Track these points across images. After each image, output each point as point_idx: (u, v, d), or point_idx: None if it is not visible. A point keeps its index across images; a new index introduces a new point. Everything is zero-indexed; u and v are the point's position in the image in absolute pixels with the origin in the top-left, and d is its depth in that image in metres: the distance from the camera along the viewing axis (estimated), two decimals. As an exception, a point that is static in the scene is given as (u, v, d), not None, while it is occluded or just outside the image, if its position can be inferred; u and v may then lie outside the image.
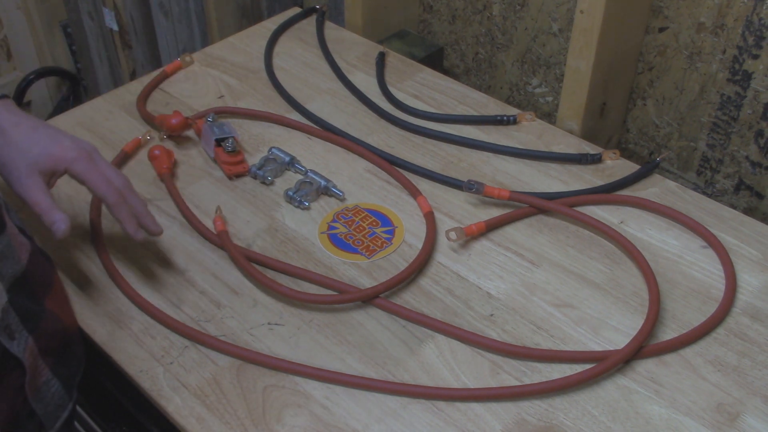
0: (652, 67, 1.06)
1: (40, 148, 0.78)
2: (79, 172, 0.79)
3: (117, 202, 0.80)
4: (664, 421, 0.72)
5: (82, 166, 0.79)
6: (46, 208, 0.76)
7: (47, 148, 0.78)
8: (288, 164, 0.99)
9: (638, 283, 0.85)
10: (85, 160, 0.79)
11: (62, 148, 0.78)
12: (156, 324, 0.81)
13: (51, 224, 0.76)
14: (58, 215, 0.76)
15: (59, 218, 0.76)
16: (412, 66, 1.18)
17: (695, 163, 1.07)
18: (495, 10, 1.20)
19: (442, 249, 0.89)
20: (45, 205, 0.77)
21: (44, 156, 0.78)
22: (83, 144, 0.80)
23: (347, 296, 0.82)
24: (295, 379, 0.76)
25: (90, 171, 0.79)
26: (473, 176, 0.98)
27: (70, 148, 0.79)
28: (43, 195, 0.77)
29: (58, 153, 0.78)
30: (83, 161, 0.79)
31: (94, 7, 1.91)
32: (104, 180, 0.80)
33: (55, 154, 0.78)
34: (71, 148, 0.79)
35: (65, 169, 0.79)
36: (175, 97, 1.11)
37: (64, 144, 0.79)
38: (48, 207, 0.77)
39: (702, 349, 0.78)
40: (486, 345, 0.78)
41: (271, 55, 1.19)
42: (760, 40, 0.94)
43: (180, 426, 0.73)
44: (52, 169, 0.78)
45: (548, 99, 1.20)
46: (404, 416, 0.73)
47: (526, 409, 0.73)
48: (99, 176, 0.79)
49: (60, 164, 0.78)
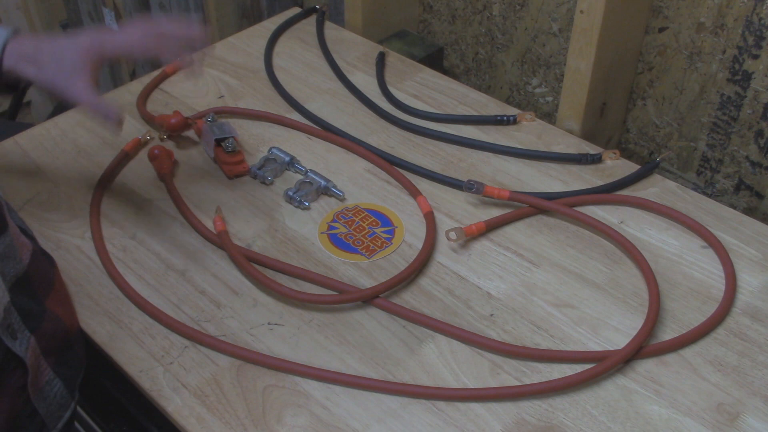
0: (652, 67, 1.06)
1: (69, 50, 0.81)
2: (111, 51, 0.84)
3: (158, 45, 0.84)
4: (664, 421, 0.72)
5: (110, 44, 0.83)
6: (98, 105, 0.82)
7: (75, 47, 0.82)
8: (288, 164, 0.99)
9: (638, 283, 0.85)
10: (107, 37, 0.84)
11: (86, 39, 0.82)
12: (156, 324, 0.81)
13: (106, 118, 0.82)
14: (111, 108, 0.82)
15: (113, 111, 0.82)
16: (412, 66, 1.18)
17: (695, 163, 1.07)
18: (495, 10, 1.20)
19: (442, 249, 0.89)
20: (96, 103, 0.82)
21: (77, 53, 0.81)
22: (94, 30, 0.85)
23: (347, 296, 0.82)
24: (295, 379, 0.76)
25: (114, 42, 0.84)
26: (473, 176, 0.98)
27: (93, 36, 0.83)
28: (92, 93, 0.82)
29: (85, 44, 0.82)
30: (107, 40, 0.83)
31: (94, 7, 1.91)
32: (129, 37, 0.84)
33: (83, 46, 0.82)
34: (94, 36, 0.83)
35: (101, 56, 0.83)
36: (175, 97, 1.11)
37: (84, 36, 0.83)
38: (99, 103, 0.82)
39: (702, 349, 0.78)
40: (486, 345, 0.78)
41: (271, 55, 1.19)
42: (760, 40, 0.94)
43: (180, 426, 0.73)
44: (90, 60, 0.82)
45: (548, 99, 1.20)
46: (404, 416, 0.73)
47: (526, 409, 0.73)
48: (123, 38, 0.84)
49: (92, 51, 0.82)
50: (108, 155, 1.00)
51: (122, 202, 0.95)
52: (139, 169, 0.99)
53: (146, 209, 0.94)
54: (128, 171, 0.99)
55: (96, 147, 1.02)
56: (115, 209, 0.94)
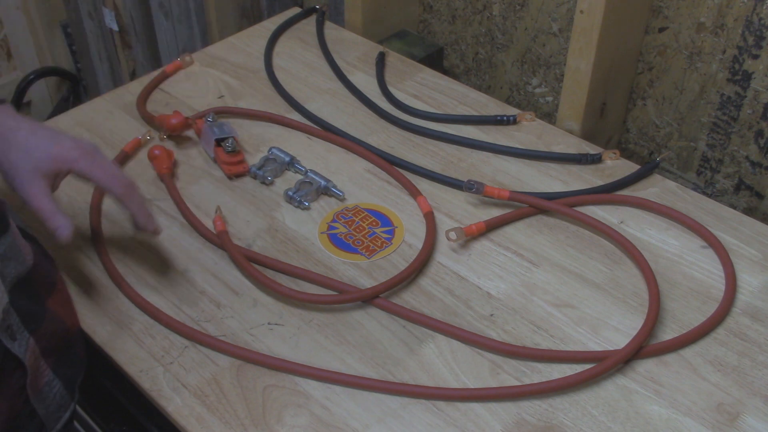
0: (652, 67, 1.06)
1: (41, 151, 0.77)
2: (83, 170, 0.79)
3: (126, 193, 0.80)
4: (664, 421, 0.72)
5: (86, 164, 0.79)
6: (50, 214, 0.76)
7: (48, 151, 0.77)
8: (288, 164, 0.99)
9: (638, 283, 0.85)
10: (87, 157, 0.79)
11: (63, 149, 0.78)
12: (156, 324, 0.81)
13: (54, 230, 0.76)
14: (61, 221, 0.76)
15: (62, 224, 0.76)
16: (412, 66, 1.18)
17: (695, 163, 1.07)
18: (495, 10, 1.20)
19: (442, 249, 0.89)
20: (48, 211, 0.76)
21: (46, 158, 0.77)
22: (84, 143, 0.80)
23: (347, 296, 0.82)
24: (295, 379, 0.76)
25: (94, 167, 0.79)
26: (473, 176, 0.98)
27: (72, 148, 0.79)
28: (46, 200, 0.77)
29: (60, 153, 0.78)
30: (86, 159, 0.79)
31: (94, 7, 1.91)
32: (110, 173, 0.80)
33: (57, 155, 0.78)
34: (72, 147, 0.79)
35: (69, 169, 0.79)
36: (175, 97, 1.11)
37: (64, 144, 0.78)
38: (51, 212, 0.76)
39: (702, 349, 0.78)
40: (486, 345, 0.78)
41: (271, 55, 1.19)
42: (760, 40, 0.94)
43: (180, 426, 0.73)
44: (56, 171, 0.78)
45: (548, 99, 1.20)
46: (404, 416, 0.73)
47: (526, 409, 0.73)
48: (104, 171, 0.79)
49: (63, 165, 0.78)
50: (108, 155, 0.99)
51: (122, 202, 0.95)
52: (139, 169, 0.99)
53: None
54: (128, 171, 0.99)
55: (97, 145, 1.02)
56: (115, 209, 0.94)
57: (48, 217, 0.76)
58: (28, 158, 0.77)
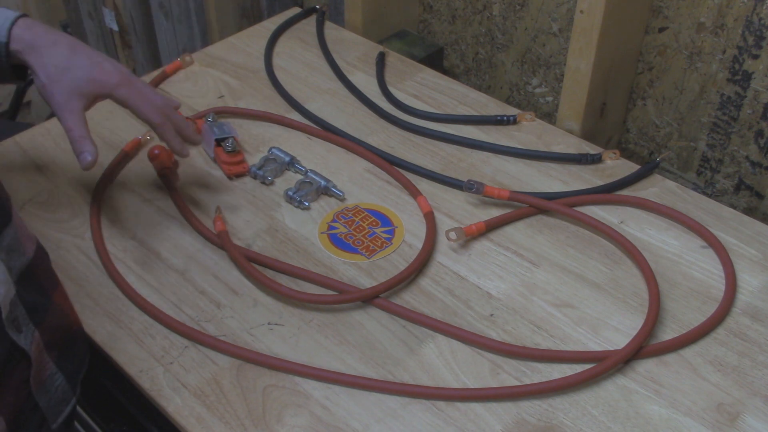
0: (652, 67, 1.06)
1: (83, 71, 0.79)
2: (122, 97, 0.81)
3: (162, 122, 0.83)
4: (664, 421, 0.72)
5: (125, 91, 0.81)
6: (79, 137, 0.79)
7: (90, 73, 0.79)
8: (288, 164, 0.99)
9: (638, 283, 0.85)
10: (127, 84, 0.81)
11: (105, 73, 0.80)
12: (156, 324, 0.81)
13: (79, 153, 0.79)
14: (88, 146, 0.79)
15: (88, 150, 0.79)
16: (412, 66, 1.18)
17: (695, 163, 1.07)
18: (495, 10, 1.20)
19: (442, 249, 0.89)
20: (78, 133, 0.79)
21: (86, 80, 0.79)
22: (123, 68, 0.82)
23: (347, 296, 0.82)
24: (295, 379, 0.76)
25: (133, 95, 0.81)
26: (473, 176, 0.98)
27: (112, 73, 0.80)
28: (79, 122, 0.79)
29: (101, 78, 0.80)
30: (126, 86, 0.81)
31: (94, 7, 1.91)
32: (147, 102, 0.82)
33: (97, 78, 0.79)
34: (113, 72, 0.81)
35: (108, 94, 0.81)
36: (175, 97, 1.11)
37: (105, 67, 0.80)
38: (81, 136, 0.79)
39: (702, 349, 0.78)
40: (486, 345, 0.78)
41: (271, 55, 1.19)
42: (760, 40, 0.94)
43: (180, 426, 0.73)
44: (95, 94, 0.80)
45: (548, 99, 1.20)
46: (404, 416, 0.73)
47: (526, 409, 0.73)
48: (142, 99, 0.82)
49: (103, 90, 0.80)
50: (108, 155, 1.00)
51: (122, 202, 0.95)
52: (139, 169, 0.99)
53: (146, 209, 0.94)
54: (128, 171, 0.99)
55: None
56: (115, 209, 0.94)
57: (77, 139, 0.79)
58: (68, 77, 0.79)
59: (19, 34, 0.79)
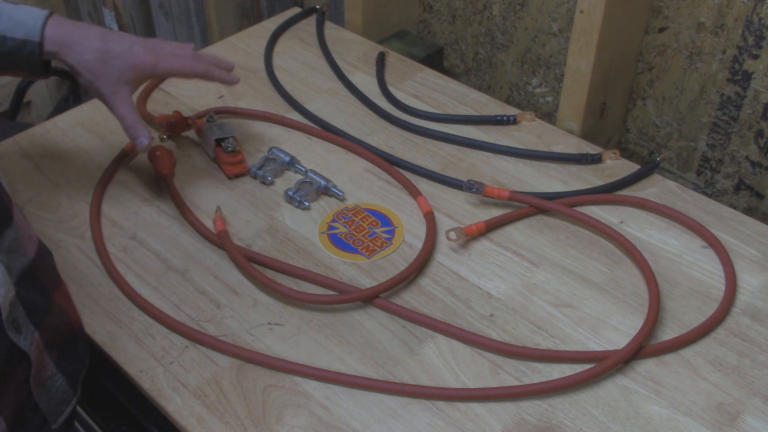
0: (652, 67, 1.06)
1: (121, 60, 0.84)
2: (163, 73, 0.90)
3: (205, 69, 0.91)
4: (664, 421, 0.72)
5: (164, 65, 0.88)
6: (132, 123, 0.86)
7: (128, 61, 0.85)
8: (288, 164, 0.99)
9: (638, 283, 0.85)
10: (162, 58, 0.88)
11: (139, 58, 0.86)
12: (156, 324, 0.81)
13: (135, 139, 0.86)
14: (142, 131, 0.86)
15: (143, 134, 0.86)
16: (412, 66, 1.18)
17: (695, 163, 1.07)
18: (495, 10, 1.20)
19: (442, 249, 0.89)
20: (131, 120, 0.86)
21: (128, 69, 0.85)
22: (150, 44, 0.88)
23: (347, 296, 0.82)
24: (295, 379, 0.76)
25: (171, 64, 0.89)
26: (473, 176, 0.98)
27: (145, 53, 0.86)
28: (130, 109, 0.86)
29: (139, 63, 0.86)
30: (162, 61, 0.88)
31: (94, 7, 1.91)
32: (181, 62, 0.89)
33: (137, 65, 0.85)
34: (145, 53, 0.86)
35: (150, 75, 0.88)
36: (175, 97, 1.11)
37: (137, 51, 0.86)
38: (134, 121, 0.86)
39: (702, 349, 0.78)
40: (486, 345, 0.78)
41: (271, 55, 1.19)
42: (760, 40, 0.94)
43: (180, 426, 0.73)
44: (139, 80, 0.87)
45: (548, 99, 1.20)
46: (404, 416, 0.73)
47: (526, 409, 0.73)
48: (177, 63, 0.89)
49: (145, 74, 0.87)
50: (108, 155, 1.00)
51: (122, 202, 0.95)
52: (139, 169, 0.99)
53: (146, 209, 0.94)
54: (128, 171, 0.99)
55: (96, 147, 1.02)
56: (115, 209, 0.94)
57: (130, 125, 0.86)
58: (109, 69, 0.84)
59: (51, 35, 0.83)
